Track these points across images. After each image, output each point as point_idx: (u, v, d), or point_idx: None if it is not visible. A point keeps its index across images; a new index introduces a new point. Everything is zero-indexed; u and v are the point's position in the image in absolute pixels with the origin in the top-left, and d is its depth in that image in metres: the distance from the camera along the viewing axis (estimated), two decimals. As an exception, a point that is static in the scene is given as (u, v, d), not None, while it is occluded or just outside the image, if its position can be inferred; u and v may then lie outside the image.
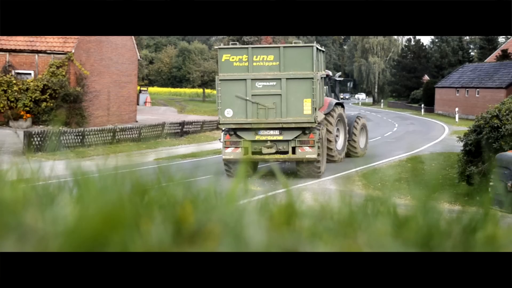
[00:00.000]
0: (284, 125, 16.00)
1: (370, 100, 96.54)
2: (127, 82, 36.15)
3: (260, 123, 15.82)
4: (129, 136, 25.92)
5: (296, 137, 16.19)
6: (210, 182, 1.31)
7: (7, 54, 29.60)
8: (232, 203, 1.10)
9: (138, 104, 43.85)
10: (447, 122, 43.70)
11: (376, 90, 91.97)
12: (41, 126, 27.72)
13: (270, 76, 15.60)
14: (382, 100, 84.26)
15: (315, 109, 15.98)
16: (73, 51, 29.32)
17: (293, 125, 16.03)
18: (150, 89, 68.50)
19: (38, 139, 20.98)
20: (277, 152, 16.35)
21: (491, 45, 65.81)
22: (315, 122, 16.09)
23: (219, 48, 16.37)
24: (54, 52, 29.43)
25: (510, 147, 15.42)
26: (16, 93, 28.29)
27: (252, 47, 15.83)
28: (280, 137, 16.19)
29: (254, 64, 15.55)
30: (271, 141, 16.22)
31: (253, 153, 16.23)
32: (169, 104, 57.88)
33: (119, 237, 0.95)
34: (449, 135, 32.49)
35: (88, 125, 28.94)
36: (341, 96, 26.00)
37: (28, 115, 28.35)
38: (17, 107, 28.20)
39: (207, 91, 69.65)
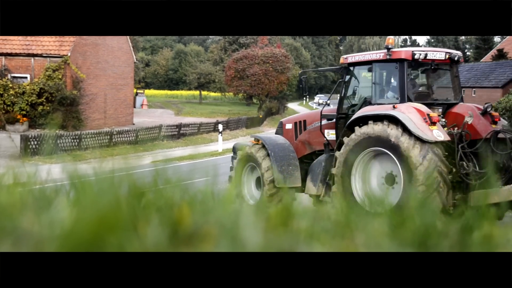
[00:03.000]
0: None
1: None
2: (123, 85, 36.10)
3: None
4: (126, 138, 25.88)
5: None
6: (207, 184, 1.31)
7: (3, 57, 29.53)
8: (229, 205, 1.10)
9: (134, 107, 43.80)
10: (443, 122, 43.61)
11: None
12: (37, 129, 27.65)
13: None
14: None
15: None
16: (69, 54, 29.26)
17: None
18: (147, 91, 68.44)
19: (35, 142, 20.91)
20: None
21: (486, 44, 65.85)
22: None
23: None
24: (50, 55, 29.37)
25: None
26: (12, 97, 28.22)
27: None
28: None
29: None
30: None
31: None
32: (166, 107, 57.80)
33: (116, 240, 0.95)
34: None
35: (85, 128, 28.89)
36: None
37: (24, 118, 28.29)
38: (14, 111, 28.13)
39: (204, 93, 69.63)
